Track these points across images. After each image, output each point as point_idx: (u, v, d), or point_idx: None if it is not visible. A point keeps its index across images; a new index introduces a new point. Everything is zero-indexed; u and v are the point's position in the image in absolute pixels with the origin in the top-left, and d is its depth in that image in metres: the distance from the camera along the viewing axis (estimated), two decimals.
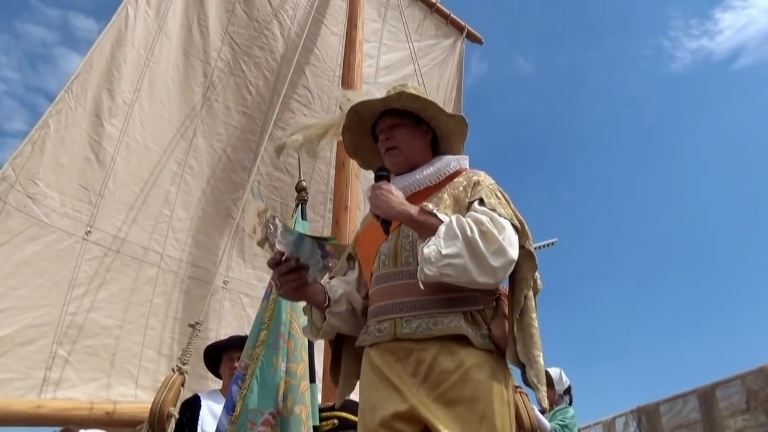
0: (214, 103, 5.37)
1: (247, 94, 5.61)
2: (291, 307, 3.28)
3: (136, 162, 4.83)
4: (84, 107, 4.57)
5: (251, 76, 5.64)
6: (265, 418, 2.92)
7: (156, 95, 5.04)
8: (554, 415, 4.63)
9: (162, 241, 4.87)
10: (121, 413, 3.94)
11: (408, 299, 1.87)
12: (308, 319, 2.09)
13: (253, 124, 5.61)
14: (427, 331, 1.80)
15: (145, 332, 4.61)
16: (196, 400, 3.64)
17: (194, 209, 5.13)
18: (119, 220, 4.67)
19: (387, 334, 1.86)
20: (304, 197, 4.19)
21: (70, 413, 3.72)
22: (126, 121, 4.77)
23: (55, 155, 4.38)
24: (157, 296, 4.75)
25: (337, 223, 4.80)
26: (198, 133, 5.23)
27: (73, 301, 4.29)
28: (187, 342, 3.59)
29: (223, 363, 3.86)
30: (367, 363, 1.94)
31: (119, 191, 4.70)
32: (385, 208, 1.84)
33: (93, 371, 4.27)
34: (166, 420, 3.10)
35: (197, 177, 5.17)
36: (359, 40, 5.75)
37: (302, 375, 3.12)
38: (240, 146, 5.49)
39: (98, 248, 4.50)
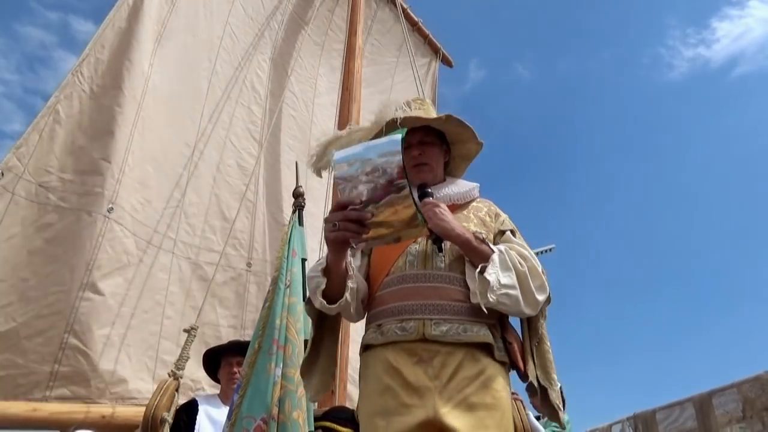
0: (218, 90, 5.42)
1: (245, 89, 5.74)
2: (287, 311, 3.42)
3: (149, 140, 4.66)
4: (99, 84, 4.43)
5: (248, 72, 5.77)
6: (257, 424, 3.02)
7: (166, 73, 4.91)
8: (548, 421, 4.65)
9: (175, 226, 4.74)
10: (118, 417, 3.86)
11: (439, 302, 1.94)
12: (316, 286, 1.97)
13: (253, 115, 5.71)
14: (457, 336, 1.87)
15: (162, 322, 4.47)
16: (193, 405, 3.64)
17: (205, 194, 5.04)
18: (137, 201, 4.48)
19: (414, 334, 1.88)
20: (301, 203, 4.29)
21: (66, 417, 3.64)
22: (142, 95, 4.64)
23: (71, 139, 4.23)
24: (172, 284, 4.61)
25: None
26: (205, 117, 5.22)
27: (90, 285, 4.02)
28: (183, 346, 3.62)
29: (222, 367, 3.89)
30: (379, 363, 1.92)
31: (136, 169, 4.49)
32: (446, 228, 1.91)
33: (109, 363, 4.02)
34: (160, 426, 3.15)
35: (206, 161, 5.12)
36: (359, 46, 6.11)
37: (299, 380, 3.18)
38: (243, 135, 5.54)
39: (119, 228, 4.26)
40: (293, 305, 3.48)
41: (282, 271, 3.67)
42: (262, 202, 5.42)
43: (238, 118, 5.57)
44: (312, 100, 6.49)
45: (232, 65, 5.66)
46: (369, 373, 1.95)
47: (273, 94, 5.94)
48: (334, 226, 1.68)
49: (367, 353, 2.00)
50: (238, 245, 5.05)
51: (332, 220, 1.68)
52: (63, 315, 3.85)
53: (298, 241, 3.93)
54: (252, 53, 5.91)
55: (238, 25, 5.84)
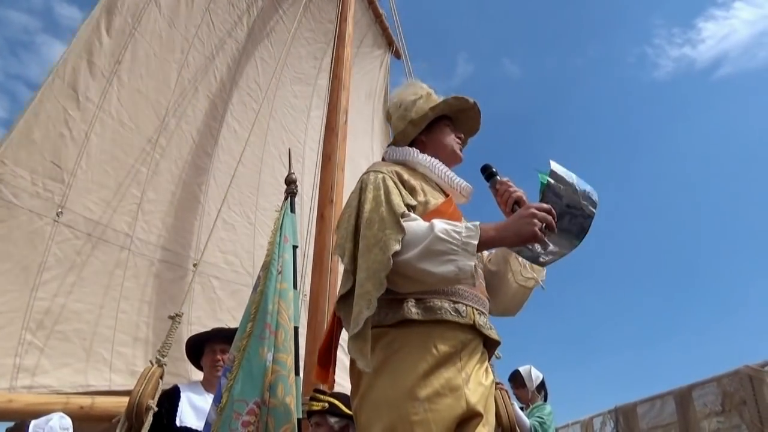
0: (187, 82, 5.43)
1: (213, 79, 5.74)
2: (279, 296, 3.51)
3: (110, 139, 4.71)
4: (62, 79, 4.40)
5: (218, 61, 5.79)
6: (249, 407, 3.11)
7: (136, 68, 4.93)
8: (532, 411, 4.95)
9: (132, 223, 4.87)
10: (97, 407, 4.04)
11: (479, 295, 2.06)
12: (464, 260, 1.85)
13: (215, 110, 5.75)
14: (489, 330, 2.03)
15: (117, 317, 4.67)
16: (175, 392, 3.71)
17: (163, 191, 5.13)
18: (91, 201, 4.56)
19: (467, 319, 1.94)
20: (293, 190, 4.37)
21: (44, 407, 3.70)
22: (103, 96, 4.66)
23: (27, 131, 4.24)
24: (127, 280, 4.76)
25: (321, 217, 5.06)
26: (170, 112, 5.26)
27: (43, 285, 4.21)
28: (168, 333, 3.73)
29: (206, 355, 3.97)
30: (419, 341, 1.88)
31: (92, 170, 4.55)
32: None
33: (66, 357, 4.24)
34: (144, 413, 3.19)
35: (167, 158, 5.17)
36: (348, 33, 6.12)
37: (291, 366, 3.34)
38: (204, 131, 5.60)
39: (69, 230, 4.39)
40: (284, 291, 3.58)
41: (274, 256, 3.75)
42: (211, 201, 5.56)
43: (201, 112, 5.61)
44: (274, 92, 6.57)
45: (205, 56, 5.67)
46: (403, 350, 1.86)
47: (238, 85, 6.00)
48: (543, 228, 1.82)
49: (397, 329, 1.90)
50: (186, 245, 5.24)
51: (544, 221, 1.82)
52: (20, 313, 4.07)
53: (290, 228, 4.04)
54: (225, 40, 5.92)
55: (218, 11, 5.81)
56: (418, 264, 1.79)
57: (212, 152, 5.65)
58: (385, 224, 1.87)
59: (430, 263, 1.78)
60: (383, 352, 1.86)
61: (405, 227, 1.84)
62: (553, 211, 1.81)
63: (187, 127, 5.45)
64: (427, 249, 1.79)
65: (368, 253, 1.85)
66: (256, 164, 6.01)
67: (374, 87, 8.15)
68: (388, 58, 8.51)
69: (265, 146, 6.23)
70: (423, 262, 1.79)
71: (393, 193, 2.00)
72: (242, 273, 5.81)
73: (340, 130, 5.42)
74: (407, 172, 2.17)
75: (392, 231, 1.84)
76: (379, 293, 1.76)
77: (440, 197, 2.14)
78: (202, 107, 5.64)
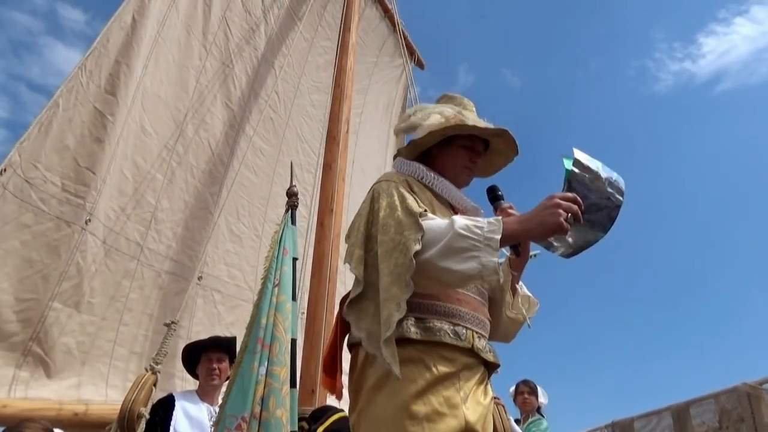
0: (204, 89, 5.70)
1: (231, 87, 6.01)
2: (275, 309, 3.64)
3: (132, 145, 4.98)
4: (98, 84, 4.63)
5: (237, 68, 6.06)
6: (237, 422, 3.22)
7: (158, 73, 5.19)
8: (528, 426, 5.36)
9: (144, 232, 5.09)
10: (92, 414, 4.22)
11: (481, 317, 2.12)
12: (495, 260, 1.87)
13: (233, 119, 6.01)
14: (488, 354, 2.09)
15: (118, 329, 4.86)
16: (170, 400, 3.91)
17: (177, 200, 5.38)
18: (110, 208, 4.80)
19: (466, 342, 2.01)
20: (294, 203, 4.50)
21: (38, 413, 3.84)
22: (132, 101, 4.89)
23: (60, 136, 4.43)
24: (133, 291, 4.98)
25: (321, 225, 5.28)
26: (188, 119, 5.51)
27: (60, 295, 4.38)
28: (162, 341, 3.83)
29: (202, 363, 4.18)
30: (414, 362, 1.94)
31: (115, 176, 4.81)
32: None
33: (65, 370, 4.44)
34: (136, 420, 3.30)
35: (183, 165, 5.45)
36: (352, 43, 6.44)
37: (285, 379, 3.44)
38: (221, 139, 5.86)
39: (92, 238, 4.59)
40: (282, 303, 3.70)
41: (271, 270, 3.86)
42: (222, 212, 5.77)
43: (219, 119, 5.90)
44: (292, 101, 6.83)
45: (222, 63, 5.96)
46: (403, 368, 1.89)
47: (256, 94, 6.29)
48: (569, 218, 1.82)
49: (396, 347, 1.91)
50: (194, 257, 5.43)
51: (570, 210, 1.82)
52: (31, 323, 4.23)
53: (290, 240, 4.17)
54: (243, 48, 6.20)
55: (234, 19, 6.11)
56: (440, 262, 1.85)
57: (228, 161, 5.92)
58: (403, 226, 1.94)
59: (451, 261, 1.83)
60: (383, 367, 1.90)
61: (424, 226, 1.91)
62: (579, 200, 1.83)
63: (205, 135, 5.74)
64: (448, 246, 1.84)
65: (389, 258, 1.91)
66: (269, 174, 6.29)
67: (393, 97, 8.58)
68: (410, 69, 8.71)
69: (280, 156, 6.53)
70: (444, 260, 1.84)
71: (408, 198, 2.07)
72: (244, 288, 6.08)
73: (342, 139, 5.69)
74: (417, 185, 2.26)
75: (410, 231, 1.90)
76: (407, 295, 1.84)
77: (449, 214, 2.21)
78: (220, 115, 5.93)
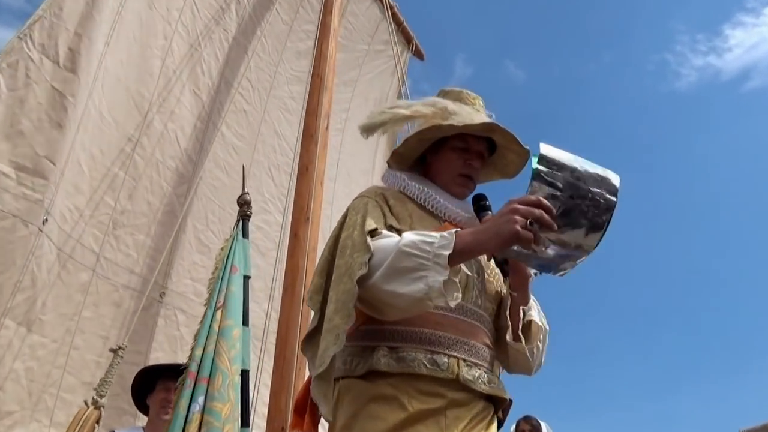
0: (171, 74, 5.32)
1: (200, 72, 5.64)
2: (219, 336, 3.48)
3: (91, 134, 4.60)
4: (55, 60, 4.29)
5: (205, 52, 5.70)
6: None
7: (118, 53, 4.85)
8: None
9: (101, 239, 4.69)
10: None
11: (473, 343, 1.95)
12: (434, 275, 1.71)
13: (202, 110, 5.64)
14: (484, 386, 1.91)
15: (68, 353, 4.43)
16: None
17: (139, 201, 5.01)
18: (66, 208, 4.44)
19: (448, 372, 1.85)
20: (246, 212, 4.29)
21: None
22: (94, 81, 4.52)
23: (11, 120, 4.08)
24: (86, 308, 4.57)
25: (296, 236, 4.92)
26: (153, 107, 5.13)
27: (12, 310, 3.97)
28: (107, 370, 3.59)
29: (155, 393, 3.84)
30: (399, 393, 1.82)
31: (73, 169, 4.44)
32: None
33: (12, 402, 4.02)
34: None
35: (147, 161, 5.06)
36: (333, 27, 6.06)
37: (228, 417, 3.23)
38: (189, 132, 5.47)
39: (48, 243, 4.22)
40: (227, 329, 3.50)
41: (214, 291, 3.67)
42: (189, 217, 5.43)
43: (187, 109, 5.55)
44: (268, 92, 6.48)
45: (190, 44, 5.61)
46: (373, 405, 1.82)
47: (227, 82, 5.93)
48: (530, 224, 1.62)
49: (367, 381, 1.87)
50: (155, 269, 4.98)
51: (529, 216, 1.62)
52: None
53: (240, 256, 3.95)
54: (213, 30, 5.86)
55: None
56: (384, 286, 1.73)
57: (196, 158, 5.53)
58: (354, 248, 1.84)
59: (396, 283, 1.71)
60: (352, 405, 1.83)
61: (373, 246, 1.80)
62: (545, 202, 1.64)
63: (172, 126, 5.38)
64: (391, 267, 1.73)
65: (338, 284, 1.83)
66: None
67: (386, 91, 8.23)
68: (406, 58, 8.36)
69: (255, 154, 6.19)
70: (389, 282, 1.73)
71: (371, 214, 1.96)
72: None
73: (320, 137, 5.37)
74: (395, 197, 2.14)
75: (359, 253, 1.80)
76: (348, 325, 1.75)
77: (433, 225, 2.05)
78: (188, 104, 5.58)
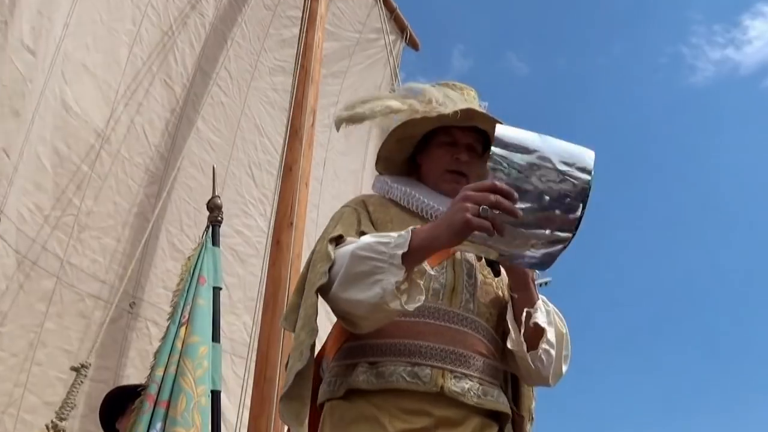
0: (140, 63, 5.09)
1: (172, 60, 5.41)
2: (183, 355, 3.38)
3: (52, 124, 4.37)
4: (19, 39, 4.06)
5: (179, 39, 5.45)
6: None
7: (83, 36, 4.64)
8: None
9: (65, 242, 4.46)
10: None
11: (462, 351, 1.84)
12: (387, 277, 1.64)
13: (173, 100, 5.40)
14: (477, 399, 1.79)
15: (30, 369, 4.18)
16: None
17: (105, 201, 4.76)
18: (25, 207, 4.20)
19: (430, 385, 1.75)
20: (217, 218, 4.18)
21: None
22: (51, 67, 4.29)
23: None
24: (50, 319, 4.33)
25: (277, 243, 4.74)
26: (121, 98, 4.90)
27: None
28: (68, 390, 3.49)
29: (126, 416, 3.67)
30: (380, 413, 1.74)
31: (31, 164, 4.21)
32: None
33: None
34: None
35: (115, 157, 4.81)
36: (321, 13, 5.82)
37: None
38: (160, 126, 5.25)
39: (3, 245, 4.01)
40: (192, 346, 3.44)
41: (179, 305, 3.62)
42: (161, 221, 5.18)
43: (158, 101, 5.29)
44: (248, 83, 6.22)
45: (162, 31, 5.35)
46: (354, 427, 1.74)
47: (204, 72, 5.66)
48: (484, 210, 1.48)
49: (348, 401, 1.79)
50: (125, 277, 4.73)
51: (483, 201, 1.48)
52: None
53: (209, 266, 3.88)
54: (188, 14, 5.59)
55: None
56: (343, 294, 1.68)
57: (168, 156, 5.27)
58: (319, 258, 1.80)
59: (355, 290, 1.65)
60: (334, 430, 1.78)
61: (334, 254, 1.76)
62: (502, 186, 1.49)
63: (140, 120, 5.11)
64: (347, 273, 1.68)
65: (306, 299, 1.80)
66: (220, 174, 5.59)
67: (379, 84, 7.93)
68: (400, 48, 8.08)
69: (234, 151, 5.92)
70: (347, 290, 1.67)
71: (342, 222, 1.93)
72: None
73: (306, 134, 5.17)
74: (378, 203, 2.08)
75: (322, 263, 1.76)
76: (311, 341, 1.73)
77: None
78: (159, 96, 5.31)
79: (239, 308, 5.50)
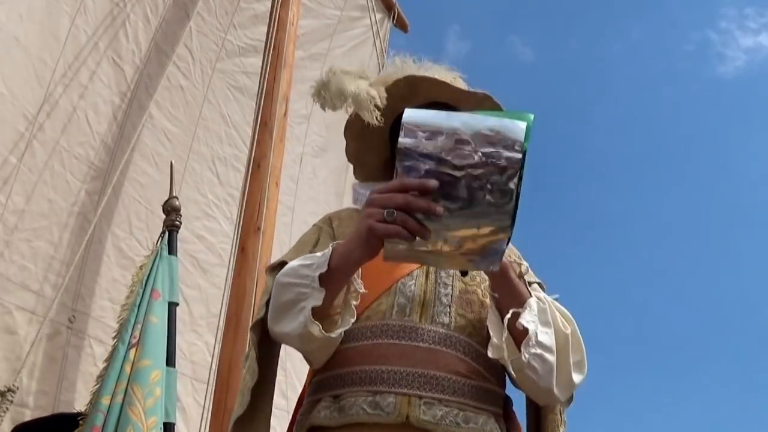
0: (83, 36, 4.77)
1: (123, 37, 5.11)
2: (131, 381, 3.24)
3: None
4: None
5: (132, 12, 5.16)
6: None
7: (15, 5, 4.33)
8: None
9: None
10: None
11: (434, 373, 1.72)
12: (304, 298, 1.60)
13: (122, 81, 5.10)
14: (455, 427, 1.67)
15: None
16: None
17: (38, 198, 4.45)
18: None
19: (395, 415, 1.65)
20: (174, 221, 4.11)
21: None
22: None
23: None
24: None
25: (242, 250, 4.55)
26: (58, 78, 4.60)
27: None
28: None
29: None
30: None
31: None
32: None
33: None
34: None
35: (49, 146, 4.52)
36: None
37: None
38: (104, 111, 4.93)
39: None
40: (143, 371, 3.30)
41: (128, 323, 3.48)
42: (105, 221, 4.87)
43: (104, 84, 4.98)
44: (213, 65, 5.93)
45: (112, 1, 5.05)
46: None
47: (160, 50, 5.36)
48: (389, 213, 1.38)
49: None
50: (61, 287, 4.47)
51: (388, 204, 1.38)
52: None
53: (164, 278, 3.75)
54: None
55: None
56: (275, 327, 1.68)
57: (115, 147, 4.97)
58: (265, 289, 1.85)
59: (284, 322, 1.64)
60: None
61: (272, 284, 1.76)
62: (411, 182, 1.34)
63: (82, 104, 4.79)
64: (275, 305, 1.68)
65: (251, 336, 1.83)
66: (178, 170, 5.26)
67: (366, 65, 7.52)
68: (387, 29, 7.77)
69: (194, 144, 5.61)
70: (278, 323, 1.67)
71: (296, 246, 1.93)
72: None
73: (277, 126, 4.94)
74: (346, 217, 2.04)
75: (264, 295, 1.79)
76: (252, 382, 1.71)
77: None
78: (106, 78, 5.00)
79: (201, 326, 5.31)
